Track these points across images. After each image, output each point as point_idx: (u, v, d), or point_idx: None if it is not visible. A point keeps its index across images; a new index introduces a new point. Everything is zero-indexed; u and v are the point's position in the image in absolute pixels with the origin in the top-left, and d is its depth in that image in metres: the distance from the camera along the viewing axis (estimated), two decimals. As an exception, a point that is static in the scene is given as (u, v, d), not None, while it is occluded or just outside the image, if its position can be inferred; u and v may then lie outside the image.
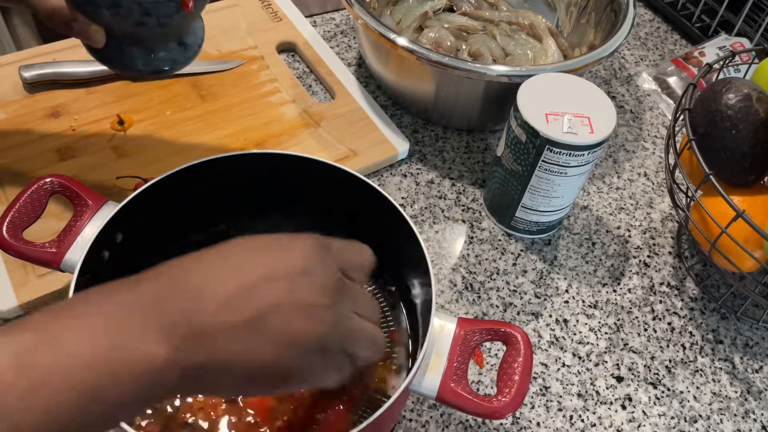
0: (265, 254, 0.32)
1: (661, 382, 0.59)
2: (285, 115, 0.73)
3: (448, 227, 0.67)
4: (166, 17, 0.48)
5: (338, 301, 0.33)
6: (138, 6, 0.47)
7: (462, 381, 0.43)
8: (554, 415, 0.55)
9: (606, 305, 0.63)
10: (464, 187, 0.71)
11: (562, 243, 0.68)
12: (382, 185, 0.69)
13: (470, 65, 0.64)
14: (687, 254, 0.68)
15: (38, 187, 0.49)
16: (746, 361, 0.61)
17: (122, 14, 0.47)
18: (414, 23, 0.80)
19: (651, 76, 0.86)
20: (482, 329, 0.45)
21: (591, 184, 0.74)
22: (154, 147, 0.67)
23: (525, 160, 0.60)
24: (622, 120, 0.81)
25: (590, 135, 0.57)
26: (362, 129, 0.72)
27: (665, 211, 0.72)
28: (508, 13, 0.82)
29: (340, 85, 0.77)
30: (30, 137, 0.66)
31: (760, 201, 0.58)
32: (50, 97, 0.70)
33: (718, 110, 0.56)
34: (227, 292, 0.30)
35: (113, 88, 0.72)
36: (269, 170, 0.53)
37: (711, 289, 0.66)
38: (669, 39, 0.94)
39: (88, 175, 0.64)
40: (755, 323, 0.64)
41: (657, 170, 0.76)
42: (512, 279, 0.64)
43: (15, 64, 0.71)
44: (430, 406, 0.55)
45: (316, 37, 0.82)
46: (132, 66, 0.53)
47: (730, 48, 0.85)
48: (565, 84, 0.61)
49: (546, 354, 0.59)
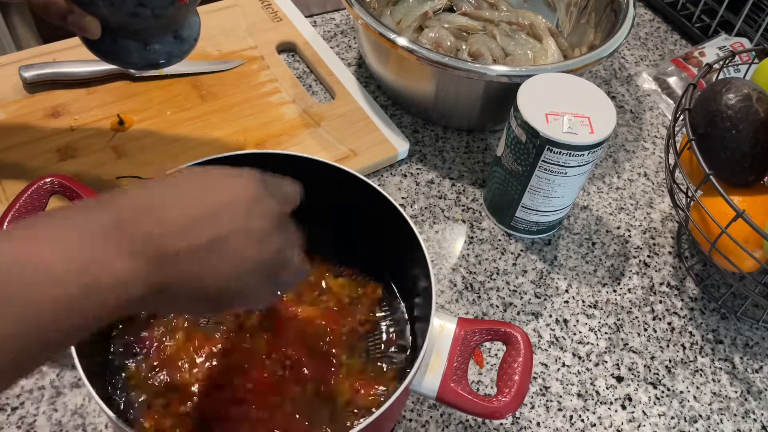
0: (219, 182, 0.35)
1: (661, 382, 0.59)
2: (285, 115, 0.73)
3: (448, 227, 0.67)
4: (161, 9, 0.49)
5: (280, 229, 0.36)
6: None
7: (462, 381, 0.43)
8: (554, 415, 0.55)
9: (606, 305, 0.63)
10: (464, 187, 0.71)
11: (562, 243, 0.68)
12: (382, 185, 0.69)
13: (470, 65, 0.64)
14: (687, 254, 0.68)
15: (38, 187, 0.49)
16: (746, 361, 0.61)
17: (117, 5, 0.47)
18: (414, 23, 0.80)
19: (651, 76, 0.86)
20: (482, 329, 0.45)
21: (591, 184, 0.74)
22: (154, 147, 0.67)
23: (525, 160, 0.60)
24: (622, 120, 0.81)
25: (590, 135, 0.57)
26: (362, 129, 0.72)
27: (665, 211, 0.72)
28: (508, 13, 0.82)
29: (340, 85, 0.77)
30: (30, 137, 0.66)
31: (760, 201, 0.58)
32: (50, 97, 0.70)
33: (718, 110, 0.56)
34: (189, 215, 0.32)
35: (113, 88, 0.72)
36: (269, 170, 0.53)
37: (711, 289, 0.66)
38: (669, 39, 0.94)
39: (88, 175, 0.64)
40: (755, 323, 0.64)
41: (657, 170, 0.76)
42: (512, 279, 0.64)
43: (15, 64, 0.71)
44: (430, 406, 0.55)
45: (316, 37, 0.82)
46: (127, 59, 0.53)
47: (730, 48, 0.85)
48: (565, 84, 0.61)
49: (546, 354, 0.59)
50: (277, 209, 0.37)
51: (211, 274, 0.33)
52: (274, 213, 0.36)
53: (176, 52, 0.54)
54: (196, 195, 0.34)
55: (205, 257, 0.32)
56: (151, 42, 0.52)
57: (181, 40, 0.54)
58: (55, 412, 0.51)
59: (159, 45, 0.53)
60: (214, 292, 0.33)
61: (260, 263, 0.35)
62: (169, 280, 0.31)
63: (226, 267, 0.33)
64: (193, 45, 0.55)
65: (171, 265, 0.31)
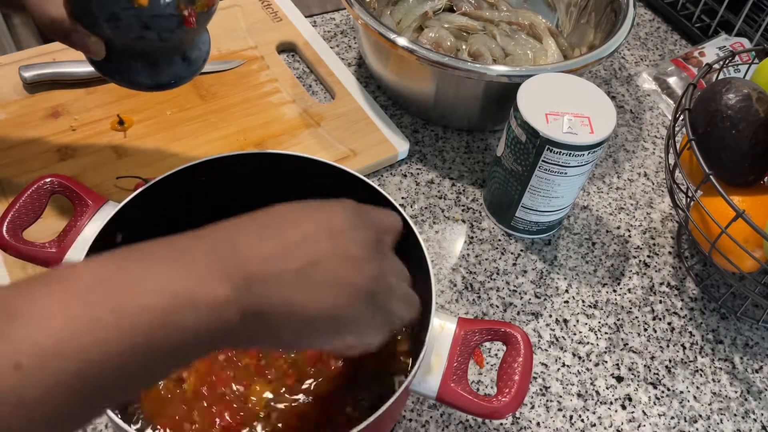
0: (306, 216, 0.35)
1: (661, 382, 0.59)
2: (285, 115, 0.73)
3: (448, 227, 0.67)
4: (167, 32, 0.47)
5: (377, 257, 0.35)
6: (137, 20, 0.46)
7: (462, 381, 0.43)
8: (554, 415, 0.55)
9: (606, 305, 0.63)
10: (464, 187, 0.71)
11: (562, 243, 0.68)
12: (382, 185, 0.69)
13: (470, 65, 0.64)
14: (687, 254, 0.68)
15: (38, 187, 0.49)
16: (746, 361, 0.61)
17: (122, 27, 0.46)
18: (414, 23, 0.80)
19: (651, 76, 0.86)
20: (482, 329, 0.45)
21: (591, 184, 0.74)
22: (154, 147, 0.67)
23: (525, 160, 0.60)
24: (622, 120, 0.81)
25: (590, 135, 0.57)
26: (362, 129, 0.72)
27: (665, 211, 0.72)
28: (508, 13, 0.82)
29: (340, 85, 0.77)
30: (30, 137, 0.66)
31: (760, 201, 0.58)
32: (50, 97, 0.70)
33: (718, 110, 0.56)
34: (281, 243, 0.32)
35: (113, 88, 0.72)
36: (269, 170, 0.53)
37: (711, 289, 0.66)
38: (669, 39, 0.94)
39: (88, 175, 0.64)
40: (755, 323, 0.64)
41: (657, 170, 0.76)
42: (512, 279, 0.64)
43: (15, 64, 0.71)
44: (430, 406, 0.55)
45: (316, 37, 0.82)
46: (133, 80, 0.52)
47: (730, 48, 0.85)
48: (565, 84, 0.61)
49: (546, 354, 0.59)
50: (374, 237, 0.36)
51: (305, 299, 0.32)
52: (370, 240, 0.35)
53: (184, 74, 0.53)
54: (286, 224, 0.34)
55: (298, 282, 0.32)
56: (157, 63, 0.51)
57: (189, 61, 0.53)
58: (55, 412, 0.51)
59: (166, 66, 0.51)
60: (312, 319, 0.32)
61: (358, 289, 0.33)
62: (262, 305, 0.31)
63: (318, 291, 0.32)
64: (201, 65, 0.54)
65: (262, 289, 0.31)
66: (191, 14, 0.47)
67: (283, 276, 0.31)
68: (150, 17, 0.46)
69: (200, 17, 0.48)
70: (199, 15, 0.48)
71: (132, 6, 0.45)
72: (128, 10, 0.45)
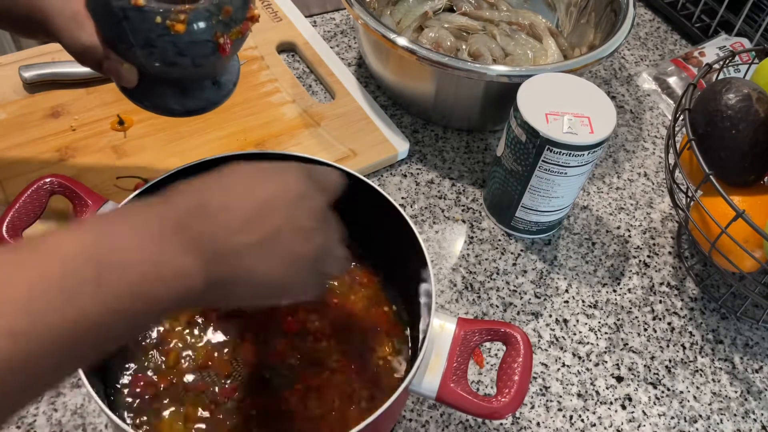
0: (268, 178, 0.38)
1: (661, 382, 0.59)
2: (285, 115, 0.73)
3: (448, 227, 0.67)
4: (202, 58, 0.46)
5: (323, 226, 0.39)
6: (173, 46, 0.45)
7: (462, 381, 0.43)
8: (554, 415, 0.55)
9: (606, 305, 0.63)
10: (464, 187, 0.71)
11: (562, 243, 0.68)
12: (382, 185, 0.69)
13: (470, 65, 0.64)
14: (687, 254, 0.68)
15: (38, 187, 0.49)
16: (746, 361, 0.61)
17: (156, 54, 0.45)
18: (414, 23, 0.80)
19: (651, 76, 0.86)
20: (482, 329, 0.45)
21: (591, 184, 0.74)
22: (154, 147, 0.67)
23: (525, 160, 0.60)
24: (622, 120, 0.81)
25: (590, 135, 0.57)
26: (362, 129, 0.72)
27: (665, 211, 0.72)
28: (508, 13, 0.82)
29: (340, 85, 0.77)
30: (30, 137, 0.66)
31: (760, 201, 0.58)
32: (50, 97, 0.70)
33: (718, 110, 0.56)
34: (243, 215, 0.35)
35: (113, 88, 0.71)
36: None
37: (711, 289, 0.66)
38: (669, 39, 0.94)
39: (88, 175, 0.64)
40: (755, 323, 0.64)
41: (657, 170, 0.76)
42: (512, 279, 0.64)
43: (15, 64, 0.71)
44: (430, 406, 0.55)
45: (316, 37, 0.82)
46: (164, 106, 0.51)
47: (730, 48, 0.85)
48: (565, 84, 0.61)
49: (546, 354, 0.59)
50: (322, 204, 0.39)
51: (263, 270, 0.35)
52: (319, 209, 0.38)
53: (215, 99, 0.52)
54: (246, 192, 0.36)
55: (257, 254, 0.35)
56: (189, 89, 0.50)
57: (220, 85, 0.52)
58: (55, 412, 0.51)
59: (198, 92, 0.51)
60: (265, 285, 0.36)
61: (307, 259, 0.37)
62: (225, 275, 0.34)
63: (276, 263, 0.36)
64: (232, 90, 0.54)
65: (227, 262, 0.34)
66: (227, 42, 0.46)
67: (247, 250, 0.35)
68: (186, 44, 0.45)
69: (235, 43, 0.47)
70: (234, 42, 0.47)
71: (168, 33, 0.44)
72: (164, 36, 0.44)
